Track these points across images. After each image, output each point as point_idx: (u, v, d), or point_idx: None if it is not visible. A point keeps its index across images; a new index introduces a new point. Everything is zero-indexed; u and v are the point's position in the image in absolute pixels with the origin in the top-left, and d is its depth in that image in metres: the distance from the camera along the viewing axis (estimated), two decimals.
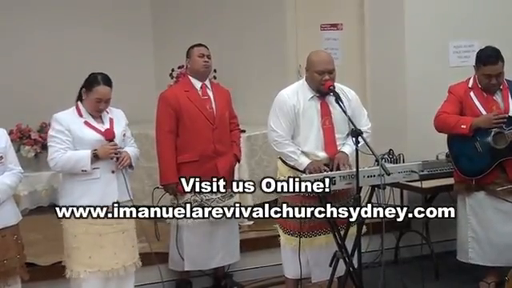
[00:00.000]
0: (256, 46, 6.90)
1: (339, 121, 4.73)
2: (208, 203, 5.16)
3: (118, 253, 4.53)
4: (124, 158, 4.47)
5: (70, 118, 4.49)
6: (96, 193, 4.45)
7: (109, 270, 4.50)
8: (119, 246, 4.53)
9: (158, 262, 4.93)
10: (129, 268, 4.59)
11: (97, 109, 4.49)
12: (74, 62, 6.71)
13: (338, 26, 6.73)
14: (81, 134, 4.45)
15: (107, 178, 4.47)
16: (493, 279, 5.24)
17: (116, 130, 4.53)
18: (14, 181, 4.34)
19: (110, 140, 4.47)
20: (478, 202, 5.15)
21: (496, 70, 5.02)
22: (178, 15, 7.28)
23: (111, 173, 4.47)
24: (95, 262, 4.48)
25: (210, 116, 5.18)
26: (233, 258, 5.43)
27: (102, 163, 4.45)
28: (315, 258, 4.78)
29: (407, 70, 6.14)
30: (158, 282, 4.89)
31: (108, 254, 4.50)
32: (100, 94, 4.45)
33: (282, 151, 4.74)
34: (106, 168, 4.47)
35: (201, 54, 5.22)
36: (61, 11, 7.15)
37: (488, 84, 5.06)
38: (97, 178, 4.45)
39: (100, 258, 4.48)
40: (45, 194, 6.76)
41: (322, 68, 4.66)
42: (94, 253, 4.48)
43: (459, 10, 6.17)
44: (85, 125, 4.48)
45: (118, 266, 4.52)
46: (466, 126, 5.01)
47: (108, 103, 4.53)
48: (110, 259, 4.50)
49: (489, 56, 5.02)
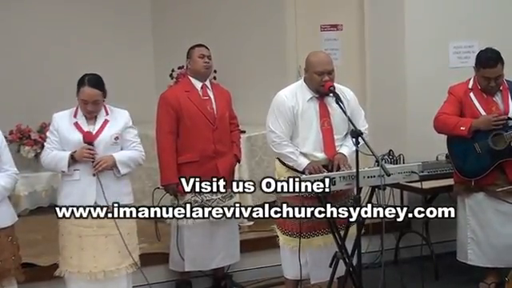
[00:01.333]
0: (256, 47, 6.90)
1: (338, 122, 4.73)
2: (208, 203, 5.15)
3: (98, 256, 4.48)
4: (99, 163, 4.41)
5: (64, 118, 4.52)
6: (76, 194, 4.45)
7: (87, 272, 4.47)
8: (100, 250, 4.48)
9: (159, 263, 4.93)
10: (110, 273, 4.51)
11: (85, 110, 4.47)
12: (74, 63, 6.70)
13: (338, 27, 6.73)
14: (67, 134, 4.47)
15: (87, 180, 4.45)
16: (492, 280, 5.24)
17: (104, 134, 4.49)
18: (8, 182, 4.29)
19: (88, 143, 4.43)
20: (478, 202, 5.15)
21: (495, 73, 5.01)
22: (178, 16, 7.28)
23: (92, 175, 4.44)
24: (75, 263, 4.49)
25: (210, 116, 5.18)
26: (233, 259, 5.42)
27: (82, 165, 4.44)
28: (314, 258, 4.77)
29: (407, 71, 6.14)
30: (157, 282, 4.89)
31: (87, 256, 4.47)
32: (85, 95, 4.43)
33: (280, 152, 4.74)
34: (87, 170, 4.44)
35: (201, 55, 5.22)
36: (62, 11, 7.16)
37: (487, 86, 5.06)
38: (77, 180, 4.46)
39: (79, 259, 4.48)
40: (45, 195, 6.77)
41: (322, 69, 4.65)
42: (74, 254, 4.48)
43: (459, 11, 6.17)
44: (73, 126, 4.48)
45: (96, 269, 4.48)
46: (465, 128, 5.01)
47: (97, 105, 4.47)
48: (88, 262, 4.47)
49: (488, 58, 5.01)
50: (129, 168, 4.57)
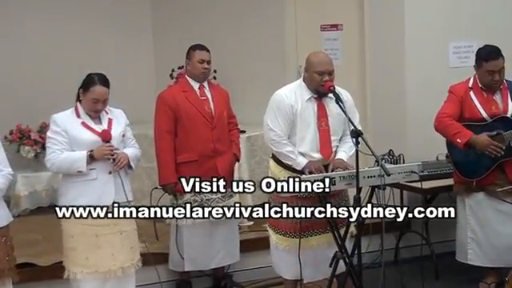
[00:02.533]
0: (256, 47, 6.90)
1: (335, 123, 4.73)
2: (208, 203, 5.16)
3: (116, 254, 4.51)
4: (120, 160, 4.44)
5: (67, 118, 4.47)
6: (93, 193, 4.43)
7: (106, 271, 4.48)
8: (117, 247, 4.51)
9: (158, 263, 4.93)
10: (127, 269, 4.56)
11: (94, 109, 4.47)
12: (74, 63, 6.71)
13: (338, 27, 6.73)
14: (77, 135, 4.44)
15: (104, 178, 4.45)
16: (492, 280, 5.24)
17: (114, 131, 4.51)
18: (2, 182, 4.24)
19: (106, 141, 4.45)
20: (478, 202, 5.15)
21: (498, 66, 5.01)
22: (178, 15, 7.29)
23: (108, 174, 4.46)
24: (92, 263, 4.47)
25: (208, 116, 5.18)
26: (233, 259, 5.43)
27: (99, 164, 4.43)
28: (305, 258, 4.73)
29: (407, 71, 6.14)
30: (158, 282, 4.89)
31: (105, 254, 4.48)
32: (97, 94, 4.43)
33: (279, 151, 4.72)
34: (103, 169, 4.45)
35: (201, 60, 5.21)
36: (62, 11, 7.16)
37: (491, 81, 5.04)
38: (94, 179, 4.43)
39: (97, 258, 4.47)
40: (45, 195, 6.77)
41: (322, 69, 4.65)
42: (90, 254, 4.46)
43: (459, 11, 6.17)
44: (82, 126, 4.46)
45: (115, 267, 4.50)
46: (461, 142, 4.96)
47: (105, 104, 4.51)
48: (107, 260, 4.49)
49: (490, 52, 5.02)
50: (135, 164, 4.61)
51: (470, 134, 4.97)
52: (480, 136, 4.97)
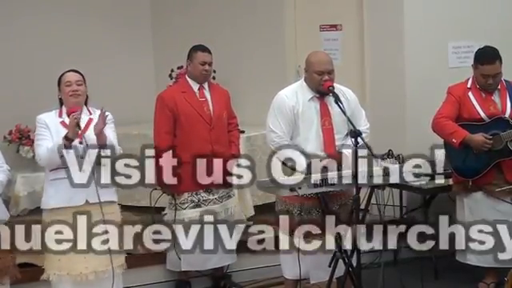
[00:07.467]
0: (255, 47, 6.89)
1: (338, 121, 4.73)
2: (205, 204, 5.16)
3: (89, 257, 4.44)
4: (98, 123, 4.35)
5: (49, 117, 4.55)
6: (65, 193, 4.43)
7: (77, 274, 4.43)
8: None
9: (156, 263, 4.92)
10: (100, 274, 4.48)
11: (70, 92, 4.48)
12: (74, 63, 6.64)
13: (338, 27, 6.73)
14: (55, 132, 4.46)
15: (77, 177, 4.39)
16: (492, 280, 5.24)
17: (89, 131, 4.46)
18: (4, 178, 4.33)
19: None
20: (476, 202, 5.15)
21: (493, 70, 5.02)
22: (178, 15, 7.27)
23: (80, 158, 4.38)
24: (64, 266, 4.44)
25: (207, 117, 5.19)
26: (230, 259, 5.42)
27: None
28: (314, 259, 4.76)
29: (406, 71, 6.15)
30: (157, 282, 4.89)
31: (77, 257, 4.43)
32: (68, 77, 4.53)
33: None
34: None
35: (203, 62, 5.21)
36: (62, 11, 7.15)
37: (485, 84, 5.07)
38: (64, 178, 4.41)
39: (69, 261, 4.43)
40: None
41: (322, 68, 4.66)
42: (63, 256, 4.43)
43: (459, 11, 6.18)
44: (61, 125, 4.49)
45: (87, 270, 4.44)
46: (456, 141, 5.01)
47: (80, 85, 4.51)
48: (79, 263, 4.43)
49: (486, 56, 5.03)
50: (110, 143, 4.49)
51: (466, 133, 4.99)
52: (475, 135, 4.99)
